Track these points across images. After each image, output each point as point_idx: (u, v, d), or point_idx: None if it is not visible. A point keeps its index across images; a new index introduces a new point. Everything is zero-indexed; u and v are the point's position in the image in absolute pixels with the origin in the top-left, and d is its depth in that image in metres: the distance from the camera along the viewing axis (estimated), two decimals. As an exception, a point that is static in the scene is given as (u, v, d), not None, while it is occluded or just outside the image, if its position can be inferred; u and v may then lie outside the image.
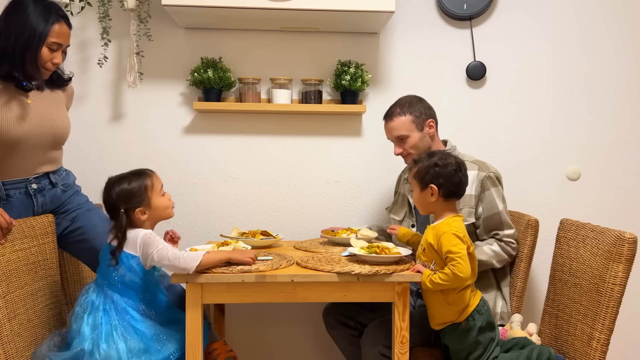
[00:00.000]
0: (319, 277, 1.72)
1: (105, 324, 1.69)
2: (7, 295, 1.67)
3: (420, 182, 1.80)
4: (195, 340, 1.69)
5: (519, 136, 2.67)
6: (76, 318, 1.73)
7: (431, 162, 1.79)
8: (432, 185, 1.78)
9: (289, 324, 2.66)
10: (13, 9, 1.78)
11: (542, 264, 2.55)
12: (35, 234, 1.85)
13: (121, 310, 1.72)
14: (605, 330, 1.71)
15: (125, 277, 1.74)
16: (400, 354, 1.73)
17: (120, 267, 1.73)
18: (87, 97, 2.56)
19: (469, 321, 1.74)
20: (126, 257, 1.74)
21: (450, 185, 1.79)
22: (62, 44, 1.83)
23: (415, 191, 1.84)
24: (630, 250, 1.68)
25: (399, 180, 2.39)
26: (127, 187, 1.76)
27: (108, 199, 1.77)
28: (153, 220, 1.82)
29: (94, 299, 1.74)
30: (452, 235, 1.71)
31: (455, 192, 1.81)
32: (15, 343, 1.68)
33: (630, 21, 2.66)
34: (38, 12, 1.77)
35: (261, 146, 2.63)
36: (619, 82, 2.67)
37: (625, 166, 2.68)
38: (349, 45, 2.62)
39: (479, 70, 2.61)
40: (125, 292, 1.75)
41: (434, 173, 1.78)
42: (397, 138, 2.15)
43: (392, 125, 2.14)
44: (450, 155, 1.83)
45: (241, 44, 2.60)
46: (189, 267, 1.65)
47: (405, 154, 2.16)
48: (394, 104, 2.18)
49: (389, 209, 2.37)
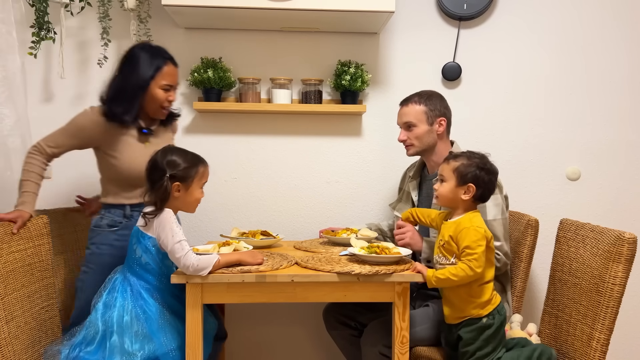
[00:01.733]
0: (319, 277, 1.72)
1: (119, 306, 1.71)
2: (5, 297, 1.68)
3: (459, 178, 1.80)
4: (196, 340, 1.69)
5: (519, 136, 2.67)
6: (99, 294, 1.77)
7: (475, 163, 1.80)
8: (471, 185, 1.79)
9: (289, 324, 2.66)
10: (126, 60, 1.97)
11: (542, 264, 2.56)
12: (31, 235, 1.85)
13: (136, 293, 1.75)
14: (605, 330, 1.71)
15: (142, 258, 1.77)
16: (400, 354, 1.74)
17: (138, 247, 1.76)
18: (87, 97, 2.56)
19: (489, 319, 1.76)
20: (142, 237, 1.76)
21: (487, 191, 1.82)
22: (172, 84, 2.00)
23: (448, 185, 1.82)
24: (630, 250, 1.68)
25: (404, 177, 2.39)
26: (181, 159, 1.78)
27: (158, 161, 1.77)
28: (179, 204, 1.82)
29: (116, 279, 1.79)
30: (474, 230, 1.73)
31: (486, 197, 1.85)
32: (13, 345, 1.69)
33: (630, 21, 2.66)
34: (146, 58, 1.94)
35: (261, 146, 2.63)
36: (620, 82, 2.67)
37: (625, 166, 2.68)
38: (349, 45, 2.62)
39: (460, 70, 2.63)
40: (142, 275, 1.78)
41: (477, 175, 1.79)
42: (405, 124, 2.16)
43: (406, 110, 2.16)
44: (490, 161, 1.84)
45: (241, 44, 2.60)
46: (202, 273, 1.67)
47: (409, 143, 2.17)
48: (415, 93, 2.19)
49: (392, 205, 2.37)
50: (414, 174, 2.27)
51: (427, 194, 2.19)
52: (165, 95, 1.98)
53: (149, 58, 1.95)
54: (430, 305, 2.05)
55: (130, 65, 1.94)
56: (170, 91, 1.99)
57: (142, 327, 1.70)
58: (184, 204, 1.83)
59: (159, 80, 1.95)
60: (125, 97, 1.93)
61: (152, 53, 1.97)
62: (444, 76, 2.64)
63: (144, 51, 1.96)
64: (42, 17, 2.29)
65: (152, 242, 1.76)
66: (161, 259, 1.77)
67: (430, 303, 2.06)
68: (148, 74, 1.93)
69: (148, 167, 1.79)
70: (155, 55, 1.96)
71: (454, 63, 2.63)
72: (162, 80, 1.96)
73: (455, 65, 2.62)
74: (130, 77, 1.93)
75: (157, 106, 1.99)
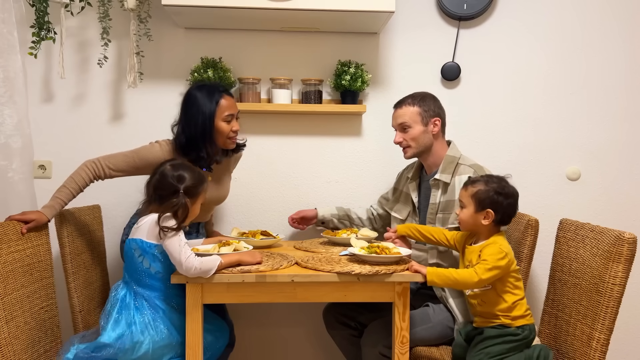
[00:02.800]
0: (319, 277, 1.72)
1: (139, 322, 1.70)
2: (5, 297, 1.68)
3: (477, 204, 1.81)
4: (196, 340, 1.70)
5: (519, 136, 2.67)
6: (108, 315, 1.75)
7: (493, 188, 1.81)
8: (489, 210, 1.79)
9: (289, 324, 2.66)
10: (186, 103, 2.08)
11: (542, 264, 2.55)
12: (29, 235, 1.85)
13: (153, 305, 1.74)
14: (605, 330, 1.71)
15: (151, 268, 1.76)
16: (400, 354, 1.74)
17: (145, 258, 1.75)
18: (87, 97, 2.56)
19: (518, 329, 1.77)
20: (148, 246, 1.75)
21: (506, 215, 1.83)
22: (233, 113, 2.09)
23: (468, 210, 1.83)
24: (629, 250, 1.68)
25: (400, 178, 2.40)
26: (189, 175, 1.80)
27: (167, 179, 1.78)
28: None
29: (124, 296, 1.76)
30: (497, 247, 1.75)
31: (507, 221, 1.85)
32: (13, 345, 1.69)
33: (629, 20, 2.66)
34: (203, 95, 2.04)
35: (261, 146, 2.63)
36: (619, 82, 2.67)
37: (625, 166, 2.68)
38: (349, 45, 2.62)
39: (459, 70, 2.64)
40: (154, 285, 1.77)
41: (495, 199, 1.80)
42: (400, 126, 2.17)
43: (400, 112, 2.17)
44: (509, 184, 1.85)
45: (241, 44, 2.60)
46: (206, 275, 1.68)
47: (405, 145, 2.17)
48: (408, 95, 2.21)
49: (389, 207, 2.38)
50: (413, 175, 2.27)
51: (427, 195, 2.19)
52: (229, 126, 2.08)
53: (206, 96, 2.05)
54: (430, 305, 2.05)
55: (192, 108, 2.05)
56: (232, 121, 2.09)
57: (163, 336, 1.71)
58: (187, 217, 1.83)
59: (220, 114, 2.05)
60: (197, 140, 2.04)
61: (207, 90, 2.07)
62: (443, 76, 2.64)
63: (199, 91, 2.07)
64: (42, 17, 2.29)
65: (158, 250, 1.75)
66: (169, 264, 1.75)
67: (430, 303, 2.06)
68: (210, 111, 2.03)
69: (156, 179, 1.80)
70: (212, 92, 2.06)
71: (453, 63, 2.63)
72: (223, 113, 2.05)
73: (455, 65, 2.62)
74: (196, 119, 2.03)
75: (225, 138, 2.09)
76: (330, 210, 2.47)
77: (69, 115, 2.56)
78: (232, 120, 2.10)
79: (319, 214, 2.46)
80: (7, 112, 2.17)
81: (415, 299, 2.13)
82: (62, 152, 2.54)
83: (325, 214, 2.46)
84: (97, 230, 2.32)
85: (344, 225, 2.47)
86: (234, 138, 2.13)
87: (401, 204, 2.31)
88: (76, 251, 2.07)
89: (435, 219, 2.09)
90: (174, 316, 1.76)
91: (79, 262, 2.09)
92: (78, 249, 2.09)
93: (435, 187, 2.12)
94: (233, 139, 2.12)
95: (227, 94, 2.11)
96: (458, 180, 2.07)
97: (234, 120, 2.10)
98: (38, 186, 2.46)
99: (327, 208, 2.49)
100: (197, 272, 1.66)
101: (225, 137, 2.09)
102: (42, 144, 2.51)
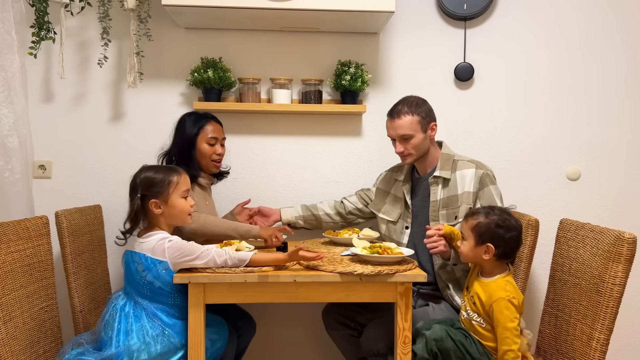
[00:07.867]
0: (321, 277, 1.72)
1: (137, 330, 1.69)
2: (3, 297, 1.67)
3: (477, 237, 1.77)
4: (197, 340, 1.70)
5: (519, 136, 2.67)
6: (107, 325, 1.73)
7: (493, 221, 1.76)
8: (489, 244, 1.75)
9: (289, 324, 2.67)
10: (177, 127, 2.26)
11: (542, 264, 2.56)
12: (30, 236, 1.84)
13: (151, 314, 1.73)
14: (605, 330, 1.71)
15: (154, 284, 1.74)
16: (402, 354, 1.74)
17: (148, 274, 1.73)
18: (87, 97, 2.55)
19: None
20: (153, 264, 1.73)
21: (509, 249, 1.78)
22: (216, 137, 2.23)
23: (468, 243, 1.79)
24: (629, 250, 1.69)
25: (386, 180, 2.37)
26: (152, 175, 1.80)
27: (132, 181, 1.82)
28: (168, 220, 1.81)
29: (123, 306, 1.75)
30: (508, 305, 1.70)
31: (510, 255, 1.81)
32: (11, 346, 1.68)
33: (629, 20, 2.66)
34: (191, 120, 2.23)
35: (261, 146, 2.63)
36: (619, 82, 2.67)
37: (625, 166, 2.69)
38: (349, 45, 2.62)
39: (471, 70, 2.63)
40: (156, 297, 1.75)
41: (495, 233, 1.75)
42: (401, 137, 2.12)
43: (399, 123, 2.11)
44: (512, 216, 1.80)
45: (241, 44, 2.60)
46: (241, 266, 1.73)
47: (407, 153, 2.14)
48: (401, 102, 2.15)
49: (368, 197, 2.38)
50: (405, 177, 2.26)
51: (423, 195, 2.19)
52: (212, 149, 2.22)
53: (193, 120, 2.22)
54: (430, 305, 2.05)
55: (180, 131, 2.23)
56: (216, 145, 2.23)
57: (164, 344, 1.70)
58: (172, 218, 1.82)
59: (204, 136, 2.20)
60: (183, 156, 2.19)
61: (196, 116, 2.25)
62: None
63: (189, 117, 2.25)
64: (42, 17, 2.29)
65: (163, 267, 1.73)
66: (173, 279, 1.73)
67: (430, 303, 2.07)
68: (193, 132, 2.20)
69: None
70: (200, 118, 2.24)
71: (466, 63, 2.62)
72: (207, 135, 2.21)
73: (468, 65, 2.61)
74: (183, 138, 2.21)
75: (207, 159, 2.22)
76: (295, 212, 2.41)
77: (68, 115, 2.55)
78: (216, 144, 2.23)
79: (283, 218, 2.40)
80: (3, 112, 2.16)
81: (416, 299, 2.13)
82: (62, 152, 2.54)
83: (289, 217, 2.40)
84: (98, 230, 2.32)
85: (312, 226, 2.43)
86: (218, 162, 2.26)
87: (389, 205, 2.30)
88: (77, 251, 2.08)
89: (438, 215, 2.09)
90: (174, 323, 1.75)
91: (80, 262, 2.10)
92: (79, 248, 2.09)
93: (434, 185, 2.12)
94: (217, 162, 2.25)
95: (215, 121, 2.27)
96: (460, 175, 2.07)
97: (218, 144, 2.24)
98: (38, 186, 2.46)
99: (290, 210, 2.42)
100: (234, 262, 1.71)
101: (209, 159, 2.22)
102: (42, 144, 2.50)
